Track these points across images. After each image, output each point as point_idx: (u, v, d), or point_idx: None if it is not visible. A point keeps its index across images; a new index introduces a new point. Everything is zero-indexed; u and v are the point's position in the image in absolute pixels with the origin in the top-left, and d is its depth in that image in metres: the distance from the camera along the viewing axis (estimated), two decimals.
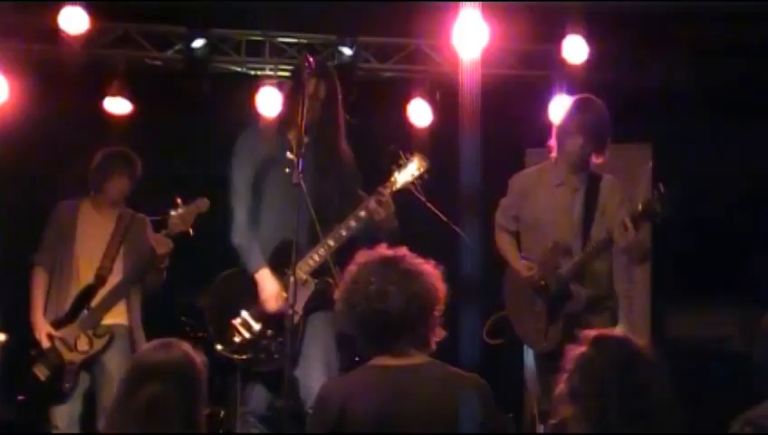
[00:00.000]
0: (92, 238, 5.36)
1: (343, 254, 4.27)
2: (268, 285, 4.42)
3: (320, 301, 4.35)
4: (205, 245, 5.25)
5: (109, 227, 5.36)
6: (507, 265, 4.93)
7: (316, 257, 4.34)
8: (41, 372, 5.20)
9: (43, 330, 5.23)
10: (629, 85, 6.56)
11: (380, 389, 2.98)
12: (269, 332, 4.37)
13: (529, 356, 4.91)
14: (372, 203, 4.33)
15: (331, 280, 4.34)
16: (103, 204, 5.42)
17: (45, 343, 5.20)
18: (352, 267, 3.09)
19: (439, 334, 3.08)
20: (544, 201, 4.84)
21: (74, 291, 5.27)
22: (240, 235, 4.56)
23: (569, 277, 4.65)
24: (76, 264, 5.31)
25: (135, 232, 5.38)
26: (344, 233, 4.34)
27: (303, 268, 4.31)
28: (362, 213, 4.34)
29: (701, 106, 6.58)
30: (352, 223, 4.34)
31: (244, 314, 4.43)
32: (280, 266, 4.38)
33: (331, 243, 4.34)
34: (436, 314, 3.06)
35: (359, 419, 2.94)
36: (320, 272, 4.37)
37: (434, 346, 3.07)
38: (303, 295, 4.28)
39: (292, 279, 3.88)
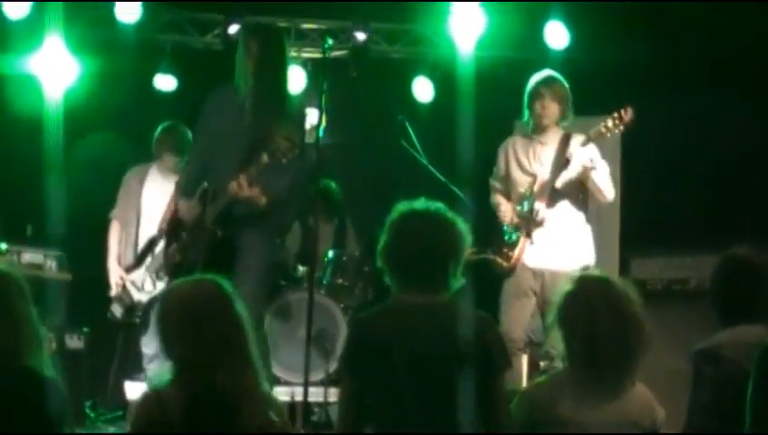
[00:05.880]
0: (156, 199, 5.83)
1: None
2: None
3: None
4: None
5: (170, 188, 5.59)
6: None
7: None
8: (117, 311, 5.79)
9: (116, 274, 5.81)
10: (602, 63, 6.91)
11: (417, 326, 3.09)
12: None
13: (505, 288, 5.43)
14: (232, 184, 4.68)
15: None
16: (165, 169, 5.95)
17: (118, 286, 5.77)
18: (397, 216, 3.24)
19: (458, 281, 3.23)
20: (523, 157, 5.46)
21: (140, 242, 5.80)
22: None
23: (535, 197, 5.29)
24: (142, 219, 5.83)
25: None
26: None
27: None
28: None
29: (667, 80, 6.97)
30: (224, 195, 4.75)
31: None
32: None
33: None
34: (461, 261, 3.22)
35: (401, 356, 3.04)
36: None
37: (451, 289, 3.21)
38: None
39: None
